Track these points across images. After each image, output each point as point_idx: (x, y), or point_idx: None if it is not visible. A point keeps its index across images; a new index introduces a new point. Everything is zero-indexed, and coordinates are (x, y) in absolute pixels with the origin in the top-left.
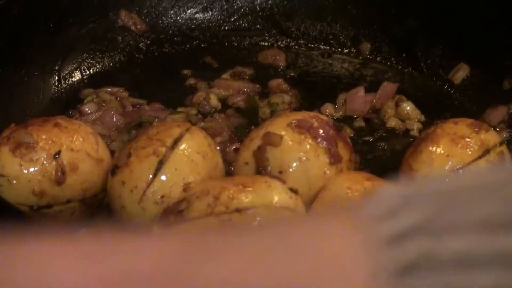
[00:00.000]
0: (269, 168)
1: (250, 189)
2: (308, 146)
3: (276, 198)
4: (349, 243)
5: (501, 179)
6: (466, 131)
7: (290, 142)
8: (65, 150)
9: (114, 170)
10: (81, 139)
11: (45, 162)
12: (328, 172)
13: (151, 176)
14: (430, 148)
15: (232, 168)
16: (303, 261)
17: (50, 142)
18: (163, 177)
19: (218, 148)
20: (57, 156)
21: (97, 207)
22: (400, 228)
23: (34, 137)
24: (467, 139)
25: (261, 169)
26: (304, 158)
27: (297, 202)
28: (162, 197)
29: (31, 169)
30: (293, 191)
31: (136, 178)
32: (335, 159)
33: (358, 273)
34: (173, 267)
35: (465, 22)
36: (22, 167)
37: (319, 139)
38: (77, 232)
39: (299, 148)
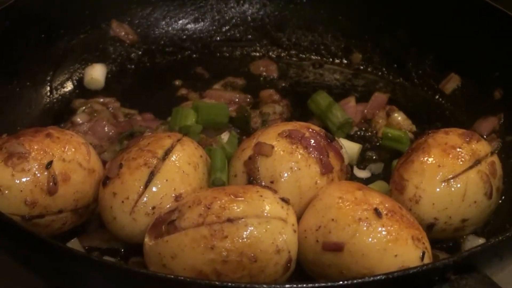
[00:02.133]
0: (261, 178)
1: (242, 199)
2: (299, 156)
3: (267, 208)
4: None
5: None
6: (457, 141)
7: (282, 152)
8: (57, 160)
9: (105, 181)
10: (73, 150)
11: (37, 172)
12: (319, 182)
13: (142, 187)
14: (422, 158)
15: None
16: None
17: (42, 152)
18: (154, 188)
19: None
20: (49, 166)
21: (89, 218)
22: None
23: (26, 147)
24: (458, 149)
25: (252, 179)
26: (296, 168)
27: (289, 212)
28: (153, 208)
29: (23, 179)
30: (285, 200)
31: (127, 190)
32: (326, 169)
33: None
34: None
35: (455, 33)
36: (14, 177)
37: (311, 149)
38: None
39: (291, 158)
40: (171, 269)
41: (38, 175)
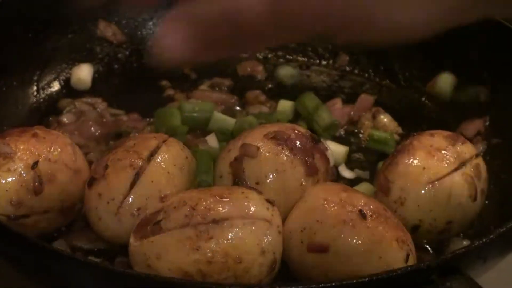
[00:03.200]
0: (246, 179)
1: (227, 200)
2: (284, 158)
3: (252, 209)
4: None
5: None
6: (442, 143)
7: (267, 154)
8: (43, 160)
9: (91, 181)
10: (59, 150)
11: (23, 173)
12: (304, 183)
13: (127, 188)
14: (406, 160)
15: None
16: None
17: (28, 152)
18: (140, 190)
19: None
20: (35, 166)
21: (75, 218)
22: None
23: (12, 147)
24: (444, 152)
25: (237, 180)
26: (281, 170)
27: (274, 213)
28: (138, 209)
29: (9, 179)
30: (270, 202)
31: (113, 190)
32: (311, 170)
33: None
34: None
35: (443, 36)
36: (0, 177)
37: (296, 151)
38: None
39: (276, 159)
40: (156, 270)
41: (24, 175)
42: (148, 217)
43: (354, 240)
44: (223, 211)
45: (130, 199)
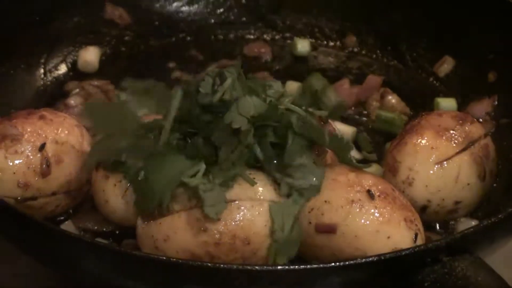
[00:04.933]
0: None
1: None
2: None
3: (260, 190)
4: None
5: None
6: (450, 123)
7: None
8: (50, 142)
9: (98, 164)
10: (66, 132)
11: (30, 155)
12: None
13: None
14: (415, 140)
15: None
16: None
17: (35, 134)
18: None
19: None
20: (42, 148)
21: (82, 200)
22: None
23: (19, 129)
24: (452, 131)
25: None
26: None
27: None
28: None
29: (16, 162)
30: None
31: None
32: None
33: None
34: None
35: (449, 16)
36: (7, 160)
37: None
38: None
39: None
40: (164, 251)
41: (31, 157)
42: None
43: (362, 220)
44: (231, 192)
45: None
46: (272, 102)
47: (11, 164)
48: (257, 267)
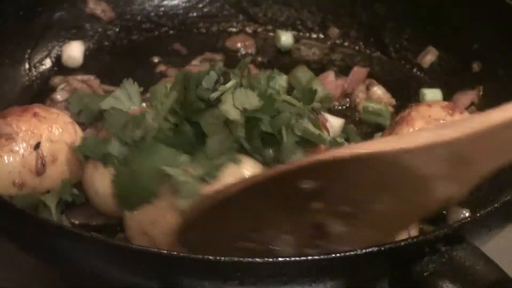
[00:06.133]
0: None
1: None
2: None
3: (246, 173)
4: None
5: None
6: (440, 113)
7: None
8: (45, 141)
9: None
10: (60, 130)
11: (25, 154)
12: None
13: None
14: (406, 131)
15: None
16: None
17: (29, 133)
18: None
19: None
20: (37, 147)
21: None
22: None
23: (14, 128)
24: (442, 121)
25: None
26: None
27: None
28: None
29: (12, 160)
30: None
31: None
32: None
33: None
34: None
35: (432, 6)
36: (3, 159)
37: None
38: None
39: None
40: (152, 236)
41: (26, 156)
42: None
43: None
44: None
45: None
46: (271, 95)
47: (6, 163)
48: (258, 259)
